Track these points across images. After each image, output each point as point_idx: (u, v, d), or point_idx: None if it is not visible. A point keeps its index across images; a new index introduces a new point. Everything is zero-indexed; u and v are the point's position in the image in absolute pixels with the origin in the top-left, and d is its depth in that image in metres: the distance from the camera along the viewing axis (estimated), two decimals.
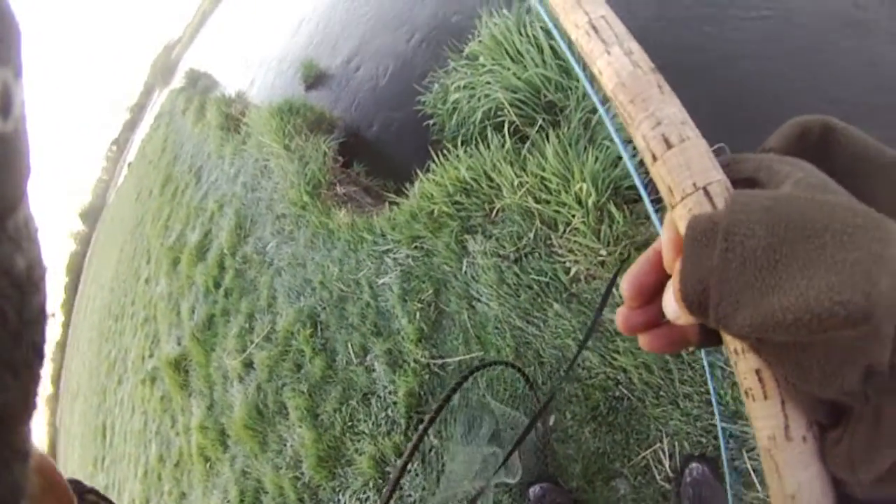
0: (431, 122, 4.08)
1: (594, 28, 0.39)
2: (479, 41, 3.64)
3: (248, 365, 4.30)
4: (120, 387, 9.58)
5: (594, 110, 2.98)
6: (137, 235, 13.57)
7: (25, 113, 0.23)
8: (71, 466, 14.32)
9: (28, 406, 0.24)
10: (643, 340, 0.42)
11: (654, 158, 0.35)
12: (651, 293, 0.39)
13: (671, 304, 0.35)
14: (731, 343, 0.33)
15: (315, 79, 7.80)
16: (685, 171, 0.34)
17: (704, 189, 0.33)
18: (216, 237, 6.05)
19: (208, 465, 4.51)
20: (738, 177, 0.35)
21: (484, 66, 3.49)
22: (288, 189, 4.38)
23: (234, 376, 4.43)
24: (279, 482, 3.61)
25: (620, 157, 2.81)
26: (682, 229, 0.33)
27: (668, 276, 0.36)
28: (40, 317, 0.25)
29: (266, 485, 3.75)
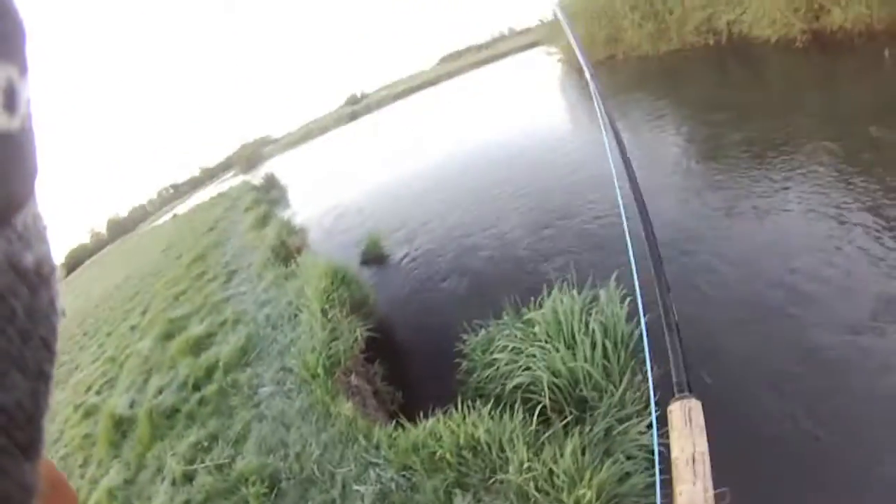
0: (463, 362, 4.17)
1: (694, 460, 0.57)
2: (542, 312, 3.79)
3: (189, 478, 4.08)
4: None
5: (621, 420, 3.05)
6: (147, 282, 13.64)
7: (31, 112, 0.24)
8: None
9: (38, 404, 0.24)
10: None
11: None
12: None
13: None
14: None
15: (373, 257, 8.09)
16: None
17: None
18: (218, 344, 6.05)
19: None
20: None
21: (537, 337, 3.62)
22: (308, 351, 4.41)
23: (169, 476, 4.23)
24: None
25: (629, 474, 2.78)
26: None
27: None
28: (50, 313, 0.25)
29: None
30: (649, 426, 2.98)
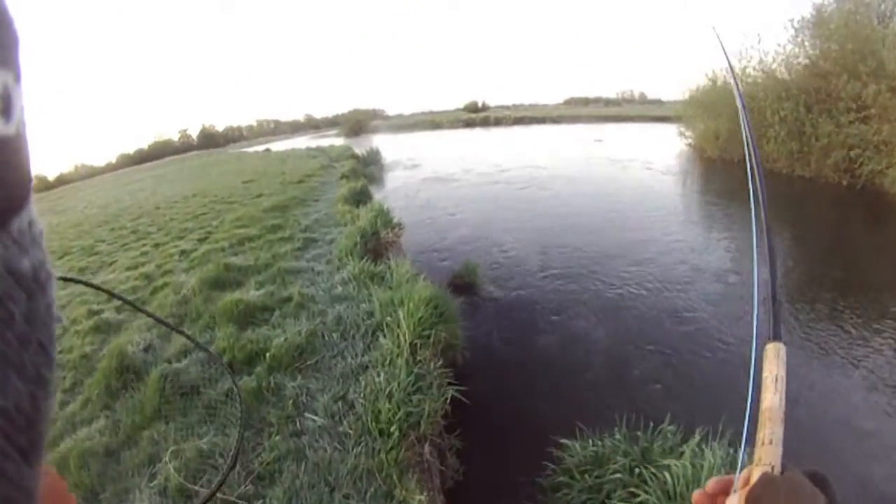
0: (557, 472, 3.43)
1: (777, 379, 0.70)
2: (682, 464, 3.03)
3: (185, 496, 3.10)
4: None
5: None
6: (216, 209, 12.96)
7: (25, 119, 0.23)
8: None
9: (38, 409, 0.23)
10: None
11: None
12: None
13: None
14: None
15: (465, 286, 7.23)
16: None
17: None
18: (272, 326, 5.06)
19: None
20: None
21: (667, 489, 2.92)
22: (384, 395, 3.42)
23: (160, 479, 3.23)
24: None
25: None
26: None
27: None
28: (47, 319, 0.24)
29: None
30: None
